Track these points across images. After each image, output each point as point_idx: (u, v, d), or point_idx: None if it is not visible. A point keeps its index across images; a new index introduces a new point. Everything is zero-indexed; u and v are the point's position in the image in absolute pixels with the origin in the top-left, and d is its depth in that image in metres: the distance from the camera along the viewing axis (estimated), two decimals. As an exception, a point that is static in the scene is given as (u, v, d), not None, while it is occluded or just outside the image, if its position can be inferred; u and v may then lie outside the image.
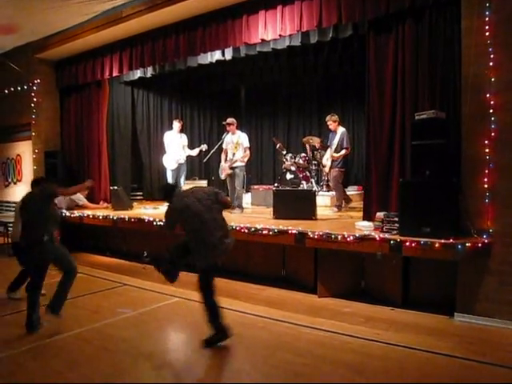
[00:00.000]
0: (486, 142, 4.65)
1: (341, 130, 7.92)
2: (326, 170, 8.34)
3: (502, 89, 4.58)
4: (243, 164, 8.16)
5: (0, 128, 10.94)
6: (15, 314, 5.11)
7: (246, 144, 8.14)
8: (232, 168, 8.09)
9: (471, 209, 4.78)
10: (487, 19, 4.63)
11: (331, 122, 7.96)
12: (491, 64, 4.63)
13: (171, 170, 9.19)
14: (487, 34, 4.63)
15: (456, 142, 4.98)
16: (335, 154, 7.78)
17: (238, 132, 8.28)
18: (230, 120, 8.24)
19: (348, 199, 8.07)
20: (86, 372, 3.66)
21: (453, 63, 5.12)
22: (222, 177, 8.31)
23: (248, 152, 8.17)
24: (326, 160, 8.24)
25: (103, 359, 3.89)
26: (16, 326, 4.73)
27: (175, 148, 9.21)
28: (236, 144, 8.10)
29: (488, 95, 4.65)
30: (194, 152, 9.40)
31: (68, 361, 3.89)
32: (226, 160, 8.23)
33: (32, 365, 3.86)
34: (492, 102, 4.63)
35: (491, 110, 4.63)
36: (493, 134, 4.63)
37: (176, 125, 9.41)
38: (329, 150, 8.14)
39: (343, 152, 7.74)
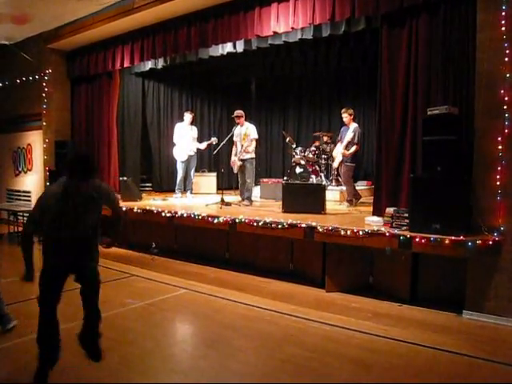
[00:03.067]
0: (499, 138, 4.60)
1: (354, 125, 7.89)
2: (335, 164, 8.30)
3: (517, 85, 4.52)
4: (253, 156, 8.18)
5: (11, 117, 11.01)
6: (20, 302, 5.14)
7: (254, 135, 8.16)
8: (242, 160, 8.10)
9: (482, 206, 4.74)
10: (503, 14, 4.56)
11: (347, 114, 7.92)
12: (506, 60, 4.56)
13: (181, 162, 9.22)
14: (503, 28, 4.57)
15: (468, 139, 4.94)
16: (346, 152, 7.74)
17: (247, 123, 8.30)
18: (237, 112, 8.26)
19: (358, 196, 8.01)
20: (93, 362, 3.68)
21: (467, 58, 5.06)
22: (235, 170, 8.33)
23: (255, 142, 8.17)
24: (336, 153, 8.19)
25: (110, 350, 3.90)
26: (22, 314, 4.77)
27: (185, 140, 9.22)
28: (244, 135, 8.13)
29: (502, 91, 4.59)
30: (203, 145, 9.40)
31: (75, 350, 3.92)
32: (236, 153, 8.25)
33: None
34: (506, 99, 4.57)
35: (505, 107, 4.57)
36: (506, 130, 4.57)
37: (188, 116, 9.42)
38: (339, 144, 8.10)
39: (354, 149, 7.70)
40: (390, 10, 5.57)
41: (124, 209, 7.82)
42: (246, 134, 8.13)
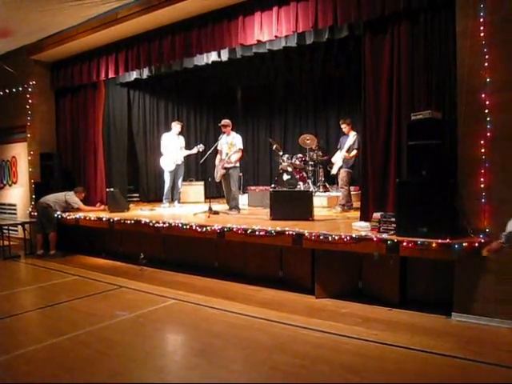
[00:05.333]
0: (482, 141, 4.66)
1: (353, 133, 8.07)
2: (334, 170, 8.35)
3: (497, 89, 4.60)
4: (237, 165, 8.21)
5: (-5, 130, 10.89)
6: (7, 318, 5.07)
7: (240, 145, 8.19)
8: (226, 169, 8.11)
9: (467, 208, 4.79)
10: (482, 20, 4.64)
11: (345, 125, 8.17)
12: (486, 64, 4.64)
13: (169, 172, 9.22)
14: (482, 34, 4.64)
15: (452, 142, 5.00)
16: (347, 155, 7.89)
17: (233, 133, 8.33)
18: (224, 121, 8.28)
19: (351, 204, 8.08)
20: (82, 376, 3.64)
21: (448, 64, 5.13)
22: (217, 179, 8.34)
23: (240, 153, 8.20)
24: (336, 160, 8.26)
25: (100, 363, 3.88)
26: (8, 330, 4.71)
27: (173, 149, 9.22)
28: (230, 145, 8.16)
29: (483, 95, 4.66)
30: (194, 150, 9.38)
31: (64, 365, 3.87)
32: (220, 161, 8.27)
33: (26, 369, 3.82)
34: (487, 102, 4.63)
35: (486, 110, 4.64)
36: (488, 133, 4.63)
37: (177, 126, 9.43)
38: (338, 151, 8.23)
39: (354, 153, 7.88)
40: (371, 17, 5.64)
41: (111, 220, 7.77)
42: (232, 143, 8.17)
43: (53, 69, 10.08)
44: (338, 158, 8.22)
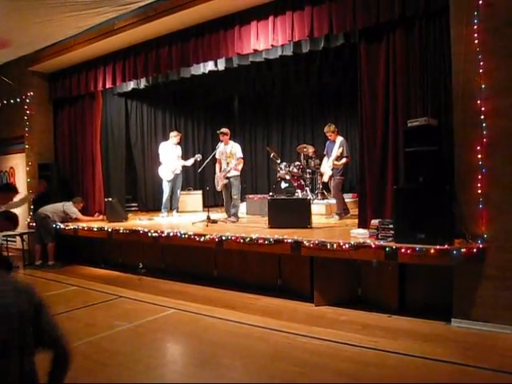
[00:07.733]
0: (478, 147, 4.68)
1: (339, 139, 8.01)
2: (325, 178, 8.34)
3: (493, 95, 4.62)
4: (238, 173, 8.21)
5: (-7, 141, 10.90)
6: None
7: (240, 154, 8.22)
8: (227, 178, 8.13)
9: (465, 214, 4.80)
10: (476, 27, 4.68)
11: (330, 133, 8.09)
12: (481, 71, 4.67)
13: (167, 181, 9.23)
14: (476, 41, 4.68)
15: (449, 149, 5.02)
16: (337, 163, 7.84)
17: (231, 142, 8.35)
18: (224, 130, 8.30)
19: (347, 210, 8.06)
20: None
21: (443, 71, 5.18)
22: (219, 188, 8.35)
23: (242, 162, 8.23)
24: (324, 168, 8.26)
25: (100, 373, 3.86)
26: None
27: (171, 158, 9.23)
28: (230, 154, 8.17)
29: (479, 102, 4.68)
30: (189, 162, 9.44)
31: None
32: (220, 170, 8.28)
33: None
34: (483, 109, 4.66)
35: (482, 117, 4.66)
36: (485, 139, 4.65)
37: (175, 136, 9.43)
38: (325, 158, 8.21)
39: (344, 161, 7.82)
40: (366, 25, 5.69)
41: (110, 230, 7.76)
42: (231, 152, 8.18)
43: (50, 79, 10.11)
44: (326, 167, 8.20)
